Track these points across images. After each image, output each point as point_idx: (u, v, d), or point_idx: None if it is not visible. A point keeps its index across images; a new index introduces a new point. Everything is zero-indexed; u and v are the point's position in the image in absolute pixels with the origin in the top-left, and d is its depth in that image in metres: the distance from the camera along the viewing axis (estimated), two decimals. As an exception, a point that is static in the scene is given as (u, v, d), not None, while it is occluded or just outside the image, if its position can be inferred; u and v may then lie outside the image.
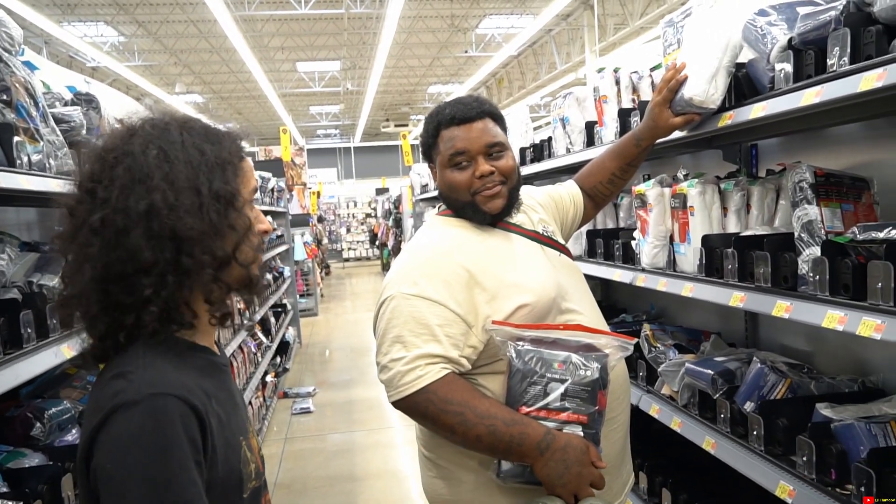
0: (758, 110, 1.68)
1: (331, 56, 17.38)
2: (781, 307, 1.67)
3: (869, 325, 1.39)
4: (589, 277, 3.21)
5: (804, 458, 1.69)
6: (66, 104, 2.36)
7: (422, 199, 8.53)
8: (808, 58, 1.57)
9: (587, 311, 1.65)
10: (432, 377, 1.44)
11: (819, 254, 1.62)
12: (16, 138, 1.76)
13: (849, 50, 1.43)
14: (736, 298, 1.85)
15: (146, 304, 0.98)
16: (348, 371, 7.45)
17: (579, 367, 1.42)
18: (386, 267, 16.53)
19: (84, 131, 2.25)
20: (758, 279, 1.81)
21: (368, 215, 21.67)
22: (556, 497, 1.39)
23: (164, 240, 0.97)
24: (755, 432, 1.86)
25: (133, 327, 0.99)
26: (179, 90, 18.44)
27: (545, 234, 1.74)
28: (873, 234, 1.51)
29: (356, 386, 6.74)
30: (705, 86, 1.78)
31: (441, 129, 1.63)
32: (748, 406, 1.94)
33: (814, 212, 1.70)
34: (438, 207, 1.77)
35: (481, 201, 1.61)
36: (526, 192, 1.84)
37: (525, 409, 1.43)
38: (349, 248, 21.71)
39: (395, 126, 22.39)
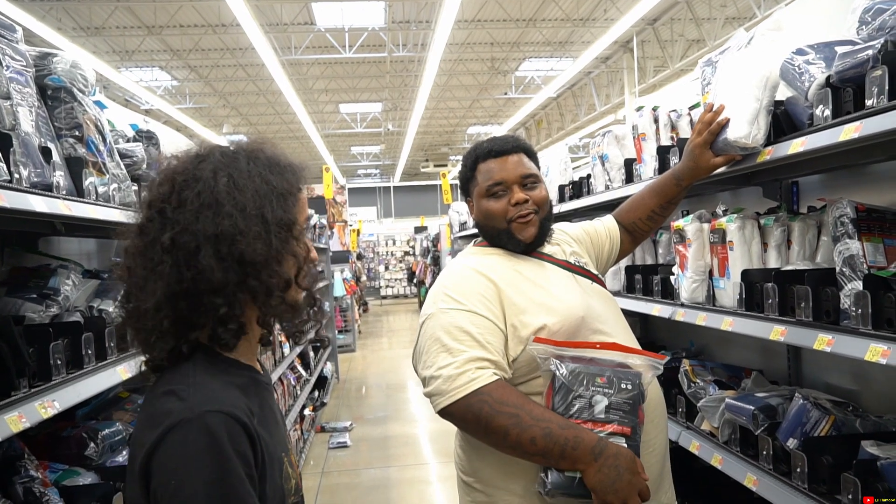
0: (797, 146, 1.71)
1: (373, 98, 17.84)
2: (823, 341, 1.66)
3: (913, 359, 1.38)
4: (628, 313, 3.21)
5: (849, 496, 1.66)
6: (127, 140, 2.51)
7: (460, 237, 8.61)
8: (847, 95, 1.60)
9: (619, 336, 1.67)
10: (486, 380, 1.47)
11: (861, 288, 1.62)
12: (85, 171, 1.89)
13: (887, 87, 1.46)
14: (776, 332, 1.85)
15: (224, 323, 1.03)
16: (384, 407, 7.46)
17: (620, 381, 1.48)
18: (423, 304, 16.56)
19: (144, 166, 2.38)
20: (799, 313, 1.81)
21: (407, 253, 21.87)
22: None
23: (232, 262, 1.03)
24: (798, 469, 1.84)
25: (196, 344, 1.05)
26: (227, 130, 19.08)
27: (577, 263, 1.80)
28: (916, 268, 1.51)
29: (392, 422, 6.75)
30: (748, 128, 1.81)
31: (479, 162, 1.76)
32: (791, 443, 1.92)
33: (855, 246, 1.70)
34: (474, 242, 1.85)
35: (516, 229, 1.70)
36: (560, 227, 1.92)
37: (573, 420, 1.47)
38: (387, 286, 21.89)
39: (435, 166, 22.73)
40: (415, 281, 18.71)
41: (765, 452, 2.00)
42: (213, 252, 1.03)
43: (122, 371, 1.98)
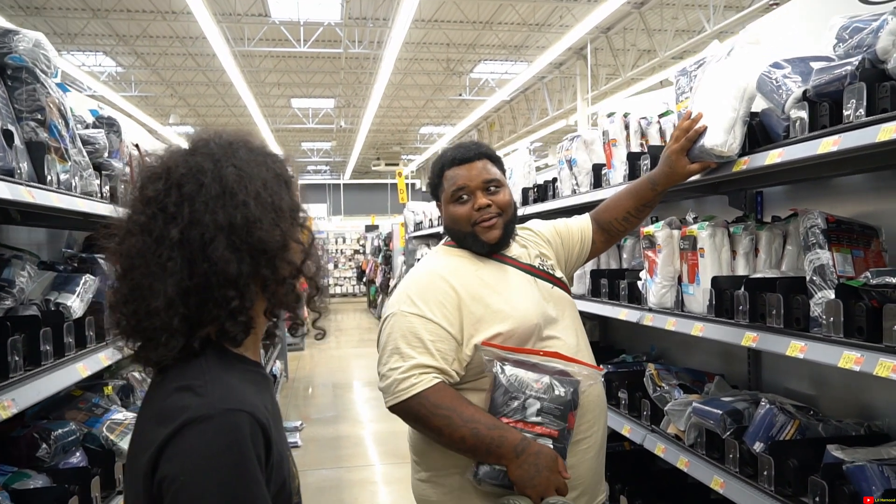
0: (774, 157, 1.75)
1: (326, 93, 17.62)
2: (796, 347, 1.71)
3: (886, 366, 1.43)
4: (592, 316, 3.27)
5: (816, 499, 1.71)
6: (86, 127, 2.39)
7: (415, 237, 8.58)
8: (823, 109, 1.65)
9: (570, 340, 1.79)
10: (425, 385, 1.61)
11: (832, 296, 1.67)
12: (47, 156, 1.79)
13: (865, 103, 1.51)
14: (748, 338, 1.89)
15: (234, 315, 1.00)
16: (333, 407, 7.37)
17: (555, 388, 1.62)
18: (372, 304, 16.44)
19: (106, 154, 2.28)
20: (770, 320, 1.86)
21: (357, 251, 21.67)
22: (526, 497, 1.54)
23: (246, 252, 1.00)
24: (766, 472, 1.88)
25: (207, 339, 1.01)
26: (173, 121, 18.53)
27: (541, 267, 1.88)
28: (887, 279, 1.56)
29: (341, 422, 6.66)
30: (725, 136, 1.85)
31: (445, 169, 1.84)
32: (758, 446, 1.97)
33: (826, 256, 1.76)
34: (445, 239, 1.93)
35: (480, 231, 1.79)
36: (531, 226, 2.00)
37: (505, 420, 1.60)
38: (336, 284, 21.63)
39: (386, 165, 22.61)
40: (364, 280, 18.56)
41: (731, 456, 2.04)
42: (227, 243, 0.99)
43: (82, 368, 1.89)
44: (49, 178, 1.79)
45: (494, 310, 1.71)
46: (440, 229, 7.82)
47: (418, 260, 9.20)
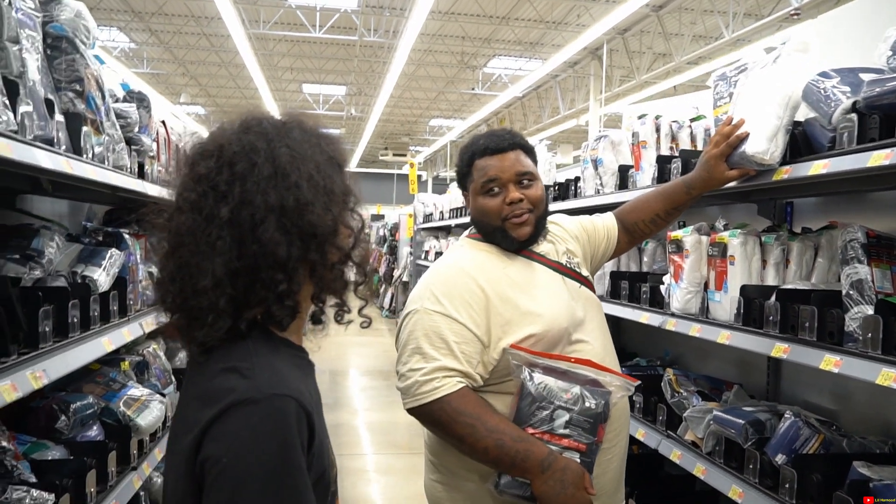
0: (819, 167, 1.73)
1: (338, 80, 17.59)
2: (830, 361, 1.70)
3: (927, 385, 1.42)
4: (606, 317, 3.26)
5: (840, 514, 1.70)
6: (116, 101, 2.37)
7: (424, 228, 8.57)
8: (873, 122, 1.63)
9: (597, 343, 1.73)
10: (448, 389, 1.54)
11: (870, 312, 1.66)
12: (84, 128, 1.77)
13: (920, 117, 1.49)
14: (779, 349, 1.88)
15: (281, 299, 0.98)
16: (331, 394, 7.36)
17: (586, 399, 1.53)
18: (374, 293, 16.44)
19: (137, 129, 2.26)
20: (801, 332, 1.84)
21: (360, 241, 21.62)
22: None
23: (296, 235, 0.99)
24: (787, 485, 1.87)
25: (253, 321, 0.99)
26: (184, 100, 18.49)
27: (569, 265, 1.81)
28: (929, 297, 1.55)
29: (339, 409, 6.65)
30: (767, 144, 1.83)
31: (475, 158, 1.75)
32: (780, 458, 1.96)
33: (864, 271, 1.74)
34: (470, 230, 1.86)
35: (510, 227, 1.70)
36: (558, 220, 1.92)
37: (531, 431, 1.53)
38: (337, 272, 21.59)
39: (394, 155, 22.56)
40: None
41: (751, 466, 2.03)
42: (277, 225, 0.97)
43: (107, 343, 1.88)
44: (85, 149, 1.78)
45: (523, 311, 1.64)
46: (450, 222, 7.81)
47: (426, 252, 9.23)
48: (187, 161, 1.05)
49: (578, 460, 1.51)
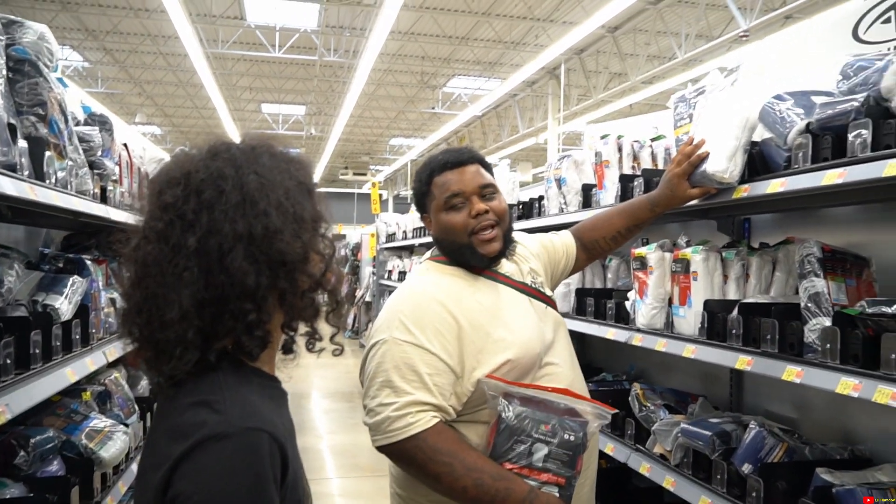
0: (776, 186, 1.80)
1: (297, 100, 17.51)
2: (792, 372, 1.75)
3: (885, 394, 1.48)
4: (572, 334, 3.30)
5: (806, 521, 1.74)
6: (77, 124, 2.33)
7: (386, 248, 8.55)
8: (826, 142, 1.71)
9: (565, 365, 1.71)
10: (423, 425, 1.46)
11: (828, 323, 1.72)
12: (47, 153, 1.74)
13: (870, 138, 1.56)
14: (743, 362, 1.93)
15: (251, 329, 0.96)
16: (295, 416, 7.13)
17: (564, 431, 1.48)
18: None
19: (100, 152, 2.22)
20: (763, 345, 1.90)
21: (321, 261, 21.45)
22: None
23: (265, 264, 0.97)
24: (754, 494, 1.92)
25: (223, 352, 0.97)
26: (139, 120, 18.17)
27: (534, 286, 1.78)
28: (883, 309, 1.62)
29: (302, 433, 6.55)
30: (726, 163, 1.89)
31: (434, 175, 1.70)
32: (746, 468, 2.00)
33: (821, 284, 1.81)
34: (432, 252, 1.80)
35: (478, 244, 1.65)
36: (518, 239, 1.89)
37: (509, 465, 1.47)
38: (298, 293, 21.35)
39: (354, 174, 22.51)
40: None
41: (719, 476, 2.08)
42: (246, 254, 0.96)
43: (70, 373, 1.83)
44: (48, 174, 1.74)
45: (496, 339, 1.58)
46: (414, 241, 7.81)
47: (389, 272, 9.20)
48: (153, 189, 1.02)
49: (557, 494, 1.47)
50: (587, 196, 3.00)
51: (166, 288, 0.95)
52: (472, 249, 1.66)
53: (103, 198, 2.32)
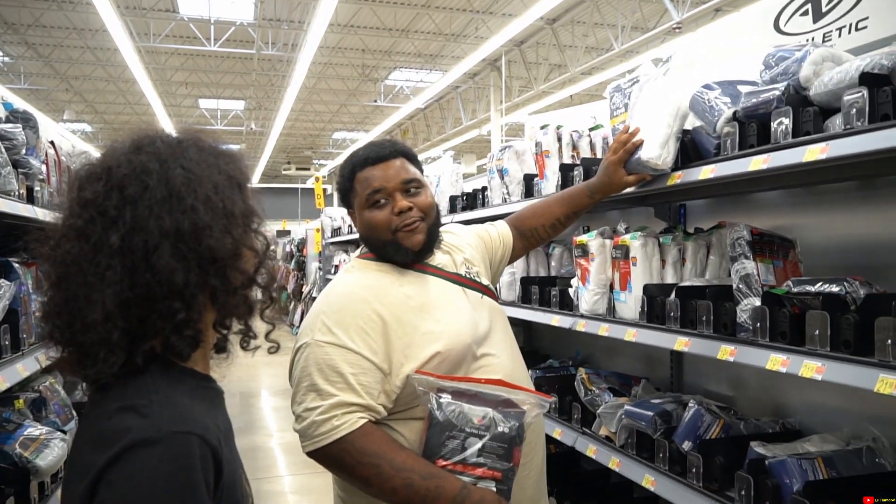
0: (707, 172, 1.87)
1: (236, 95, 17.15)
2: (726, 351, 1.83)
3: (810, 368, 1.56)
4: (517, 322, 3.35)
5: (742, 493, 1.82)
6: (-1, 121, 2.23)
7: (332, 243, 8.48)
8: (752, 129, 1.78)
9: (504, 355, 1.67)
10: (349, 428, 1.44)
11: (758, 304, 1.80)
12: (-34, 153, 1.66)
13: (791, 125, 1.64)
14: (681, 343, 2.00)
15: (180, 328, 0.93)
16: (242, 416, 7.15)
17: (498, 423, 1.44)
18: (284, 310, 16.08)
19: (24, 151, 2.13)
20: (700, 326, 1.97)
21: (265, 258, 21.11)
22: None
23: (194, 261, 0.94)
24: (694, 470, 2.00)
25: (151, 353, 0.94)
26: (68, 117, 17.44)
27: (468, 276, 1.75)
28: (807, 288, 1.70)
29: (252, 432, 6.47)
30: (659, 150, 1.95)
31: (357, 171, 1.65)
32: (686, 445, 2.08)
33: (751, 266, 1.89)
34: (361, 250, 1.76)
35: (402, 237, 1.61)
36: (452, 230, 1.89)
37: (442, 462, 1.44)
38: (242, 291, 20.97)
39: (297, 169, 22.20)
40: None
41: (661, 455, 2.15)
42: (173, 251, 0.92)
43: (0, 380, 1.75)
44: (-32, 175, 1.66)
45: (424, 332, 1.54)
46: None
47: (336, 266, 9.11)
48: (72, 184, 0.98)
49: (495, 489, 1.43)
50: (529, 186, 3.05)
51: (87, 288, 0.91)
52: (397, 245, 1.62)
53: (30, 198, 2.23)
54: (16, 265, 2.20)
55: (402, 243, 1.61)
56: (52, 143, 2.65)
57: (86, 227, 0.93)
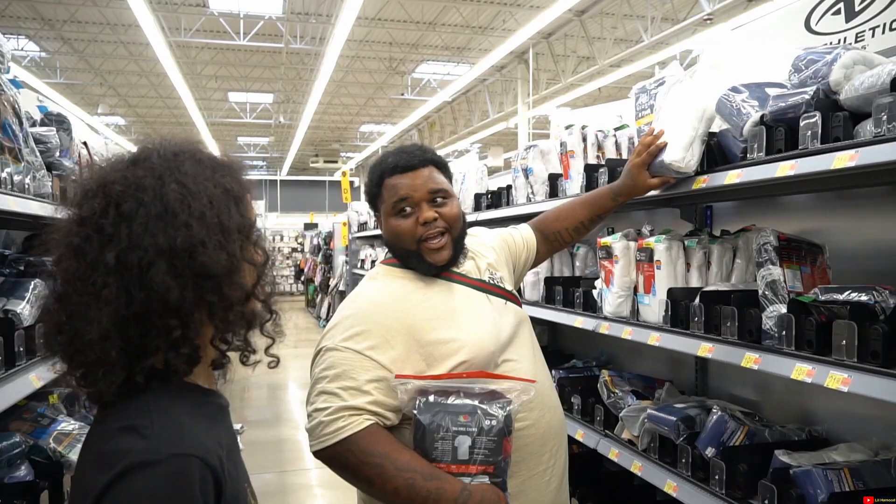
0: (733, 177, 1.84)
1: (265, 88, 17.27)
2: (750, 359, 1.80)
3: (836, 379, 1.53)
4: (540, 321, 3.35)
5: (765, 502, 1.81)
6: (33, 124, 2.28)
7: (359, 237, 8.52)
8: (779, 134, 1.75)
9: (526, 360, 1.67)
10: (354, 428, 1.44)
11: (784, 311, 1.77)
12: (1, 157, 1.70)
13: (820, 131, 1.60)
14: (704, 349, 1.98)
15: (176, 346, 0.93)
16: (271, 409, 7.26)
17: (484, 417, 1.43)
18: (310, 303, 16.23)
19: (57, 153, 2.18)
20: (724, 332, 1.95)
21: (294, 250, 21.32)
22: None
23: (189, 278, 0.94)
24: (717, 476, 1.98)
25: (151, 371, 0.94)
26: (102, 111, 17.77)
27: (491, 282, 1.75)
28: (835, 296, 1.67)
29: (281, 425, 6.57)
30: (683, 153, 1.93)
31: (385, 177, 1.65)
32: (709, 451, 2.06)
33: (777, 272, 1.86)
34: (386, 254, 1.77)
35: (426, 252, 1.62)
36: (478, 234, 1.89)
37: (438, 466, 1.43)
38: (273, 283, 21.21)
39: (325, 162, 22.34)
40: (303, 279, 18.29)
41: (684, 460, 2.14)
42: (168, 268, 0.92)
43: (35, 379, 1.81)
44: (3, 180, 1.71)
45: (446, 341, 1.54)
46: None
47: (362, 261, 9.17)
48: (71, 201, 0.97)
49: (489, 482, 1.43)
50: (554, 185, 3.03)
51: (85, 307, 0.91)
52: (420, 257, 1.62)
53: (64, 199, 2.28)
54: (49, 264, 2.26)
55: (425, 257, 1.62)
56: (84, 143, 2.70)
57: (83, 245, 0.93)
